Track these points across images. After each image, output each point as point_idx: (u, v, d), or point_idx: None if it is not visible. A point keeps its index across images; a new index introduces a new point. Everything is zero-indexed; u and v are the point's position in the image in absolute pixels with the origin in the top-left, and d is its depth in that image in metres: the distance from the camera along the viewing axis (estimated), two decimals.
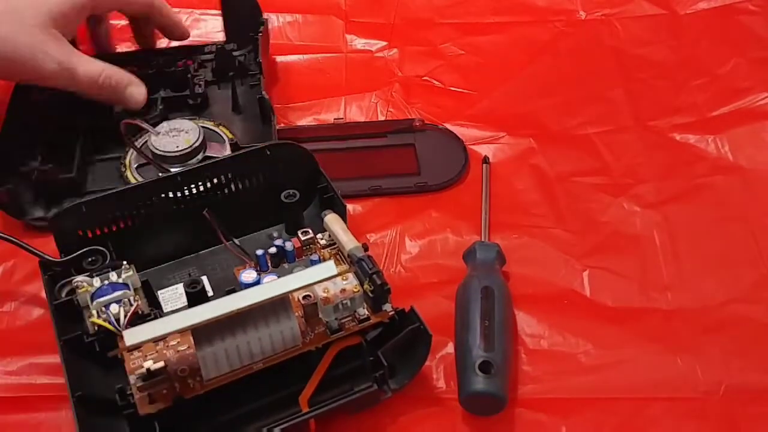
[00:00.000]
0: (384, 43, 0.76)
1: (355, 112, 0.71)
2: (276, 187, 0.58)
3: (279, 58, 0.75)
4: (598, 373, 0.53)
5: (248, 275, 0.54)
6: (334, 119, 0.70)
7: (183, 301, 0.53)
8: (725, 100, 0.70)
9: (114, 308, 0.49)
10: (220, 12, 0.72)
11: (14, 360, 0.54)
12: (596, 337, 0.55)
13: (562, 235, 0.61)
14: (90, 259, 0.53)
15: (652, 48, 0.75)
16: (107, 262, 0.53)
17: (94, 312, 0.49)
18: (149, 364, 0.46)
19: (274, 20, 0.77)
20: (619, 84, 0.72)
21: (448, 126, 0.69)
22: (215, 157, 0.58)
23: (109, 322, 0.49)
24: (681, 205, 0.63)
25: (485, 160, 0.66)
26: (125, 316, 0.49)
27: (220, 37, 0.74)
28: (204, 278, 0.56)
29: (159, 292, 0.54)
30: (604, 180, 0.65)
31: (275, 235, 0.58)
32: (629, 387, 0.53)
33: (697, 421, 0.51)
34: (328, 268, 0.46)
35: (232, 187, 0.57)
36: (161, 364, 0.46)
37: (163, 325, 0.43)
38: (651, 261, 0.60)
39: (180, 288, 0.55)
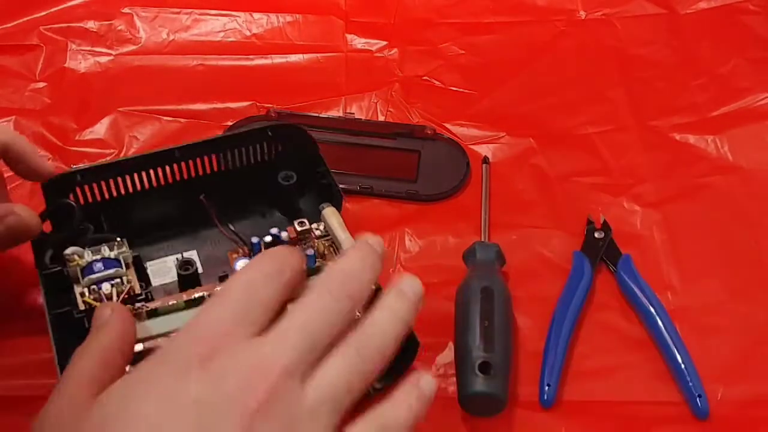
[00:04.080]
0: (384, 43, 0.76)
1: (355, 112, 0.71)
2: (274, 168, 0.57)
3: (279, 58, 0.75)
4: (597, 374, 0.53)
5: (243, 265, 0.53)
6: (346, 113, 0.70)
7: (172, 275, 0.53)
8: (725, 100, 0.70)
9: (106, 287, 0.48)
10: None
11: (14, 360, 0.53)
12: (596, 338, 0.55)
13: (562, 236, 0.61)
14: (80, 227, 0.52)
15: (652, 48, 0.75)
16: (98, 235, 0.52)
17: (85, 290, 0.48)
18: (139, 347, 0.44)
19: (274, 20, 0.77)
20: (619, 84, 0.72)
21: (448, 126, 0.69)
22: None
23: (101, 302, 0.48)
24: (681, 205, 0.63)
25: (485, 160, 0.66)
26: (118, 297, 0.48)
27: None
28: (194, 253, 0.55)
29: (147, 263, 0.54)
30: (604, 180, 0.65)
31: (270, 217, 0.58)
32: (629, 388, 0.53)
33: (697, 423, 0.51)
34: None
35: (230, 164, 0.56)
36: (153, 343, 0.45)
37: (161, 325, 0.43)
38: (651, 261, 0.60)
39: (169, 261, 0.54)
